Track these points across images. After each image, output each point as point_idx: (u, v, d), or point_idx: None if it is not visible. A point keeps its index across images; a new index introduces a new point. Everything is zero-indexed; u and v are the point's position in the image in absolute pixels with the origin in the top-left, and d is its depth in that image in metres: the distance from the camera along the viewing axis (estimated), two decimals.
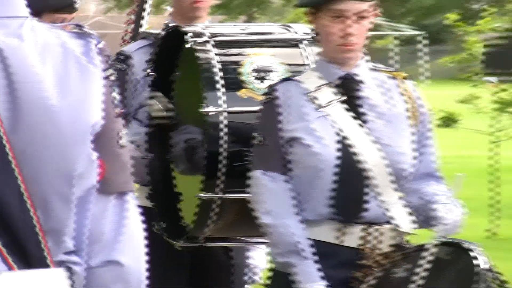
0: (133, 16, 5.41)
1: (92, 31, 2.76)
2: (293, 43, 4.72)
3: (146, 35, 5.13)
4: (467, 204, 4.87)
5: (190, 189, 4.64)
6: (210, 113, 4.45)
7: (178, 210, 4.77)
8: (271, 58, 4.67)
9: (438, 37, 49.69)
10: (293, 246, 4.19)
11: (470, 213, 4.61)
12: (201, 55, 4.48)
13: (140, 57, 4.90)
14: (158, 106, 4.73)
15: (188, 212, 4.66)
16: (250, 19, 45.36)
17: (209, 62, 4.51)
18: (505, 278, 4.01)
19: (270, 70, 4.55)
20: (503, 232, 13.84)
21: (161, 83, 4.86)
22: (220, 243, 4.82)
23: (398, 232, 4.23)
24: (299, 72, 4.45)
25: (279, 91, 4.29)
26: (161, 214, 4.72)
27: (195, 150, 4.58)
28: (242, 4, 50.86)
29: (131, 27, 5.40)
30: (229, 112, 4.45)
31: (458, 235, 4.31)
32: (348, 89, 4.33)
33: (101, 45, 2.66)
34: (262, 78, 4.53)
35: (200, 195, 4.48)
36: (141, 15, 5.35)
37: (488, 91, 15.31)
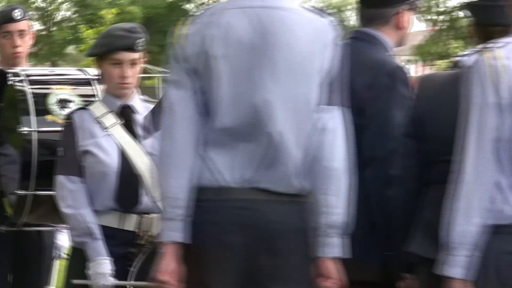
0: None
1: None
2: (86, 81, 4.67)
3: None
4: None
5: (11, 187, 4.55)
6: (25, 132, 4.37)
7: (3, 203, 4.67)
8: (70, 92, 4.59)
9: None
10: (86, 230, 4.13)
11: None
12: (18, 90, 4.45)
13: None
14: None
15: (10, 205, 4.57)
16: (53, 65, 44.45)
17: (24, 94, 4.46)
18: None
19: (69, 101, 4.49)
20: None
21: None
22: (34, 228, 4.75)
23: None
24: (91, 102, 4.40)
25: (75, 117, 4.24)
26: None
27: (14, 162, 4.51)
28: (48, 54, 49.86)
29: None
30: (39, 132, 4.39)
31: None
32: (126, 115, 4.30)
33: None
34: (63, 107, 4.46)
35: (17, 192, 4.38)
36: None
37: None
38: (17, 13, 5.00)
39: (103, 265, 4.13)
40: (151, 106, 4.43)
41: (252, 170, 3.15)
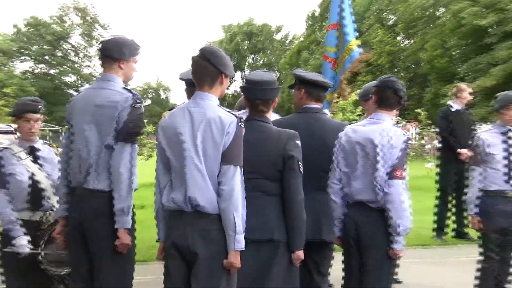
0: None
1: None
2: (11, 131, 5.40)
3: None
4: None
5: None
6: None
7: None
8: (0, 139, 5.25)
9: None
10: (8, 220, 4.65)
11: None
12: None
13: None
14: None
15: None
16: None
17: None
18: None
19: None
20: None
21: None
22: None
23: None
24: (12, 144, 4.87)
25: (1, 153, 4.77)
26: None
27: None
28: None
29: None
30: None
31: None
32: (32, 151, 4.86)
33: None
34: None
35: None
36: None
37: None
38: None
39: (22, 240, 4.69)
40: (47, 145, 5.04)
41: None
